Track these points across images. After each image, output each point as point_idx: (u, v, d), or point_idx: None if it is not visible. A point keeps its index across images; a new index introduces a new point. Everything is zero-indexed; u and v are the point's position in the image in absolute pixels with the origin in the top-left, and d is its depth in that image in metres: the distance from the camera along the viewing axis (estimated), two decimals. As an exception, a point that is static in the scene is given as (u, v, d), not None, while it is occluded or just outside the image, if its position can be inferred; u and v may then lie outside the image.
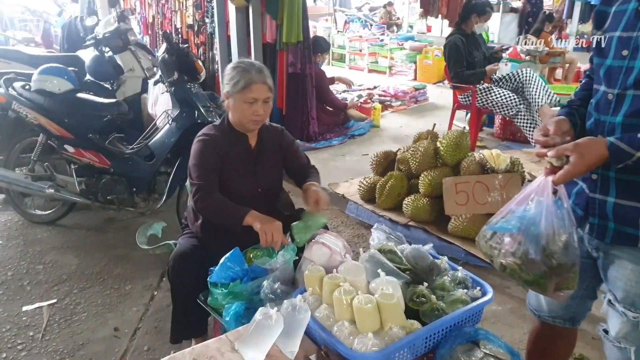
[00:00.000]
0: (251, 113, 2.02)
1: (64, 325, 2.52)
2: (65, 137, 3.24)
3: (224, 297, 1.90)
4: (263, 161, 2.19)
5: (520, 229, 1.33)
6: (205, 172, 2.03)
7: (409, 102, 6.64)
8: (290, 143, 2.30)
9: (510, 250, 1.35)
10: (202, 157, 2.05)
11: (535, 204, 1.34)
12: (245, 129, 2.11)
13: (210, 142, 2.08)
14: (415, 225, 3.30)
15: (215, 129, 2.15)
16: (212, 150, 2.06)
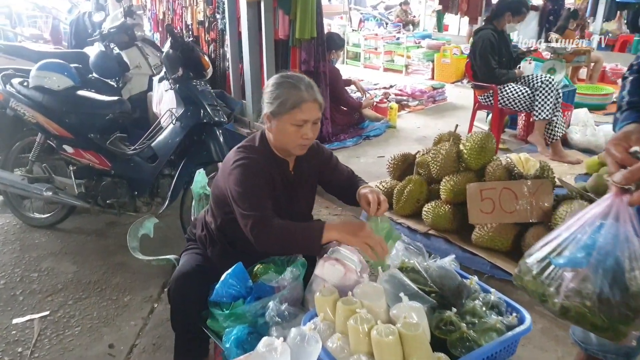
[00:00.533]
0: (299, 137, 1.71)
1: (55, 340, 2.33)
2: (64, 137, 3.07)
3: (225, 319, 1.69)
4: (300, 187, 1.92)
5: (590, 263, 1.08)
6: (257, 200, 1.68)
7: (426, 101, 6.37)
8: (328, 158, 2.00)
9: (576, 289, 1.09)
10: (251, 183, 1.70)
11: (607, 230, 1.08)
12: (289, 154, 1.82)
13: (256, 165, 1.74)
14: (436, 235, 3.06)
15: (255, 151, 1.79)
16: (261, 175, 1.74)
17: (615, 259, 1.05)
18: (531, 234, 2.73)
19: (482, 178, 3.04)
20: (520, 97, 4.33)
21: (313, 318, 1.52)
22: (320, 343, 1.34)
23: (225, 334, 1.62)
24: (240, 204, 1.68)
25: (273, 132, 1.77)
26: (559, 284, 1.12)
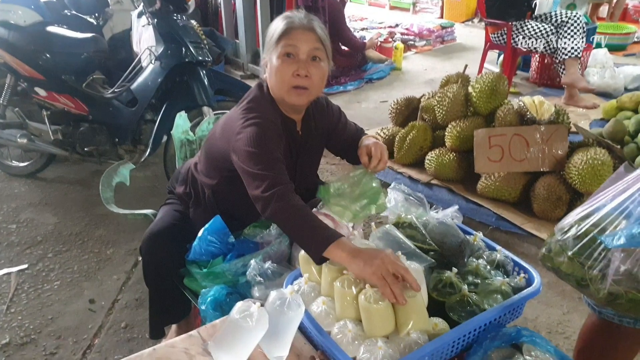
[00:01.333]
0: (290, 73, 1.42)
1: (33, 295, 2.20)
2: (35, 79, 2.82)
3: (203, 278, 1.54)
4: (307, 150, 1.66)
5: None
6: (274, 163, 1.40)
7: (434, 42, 5.98)
8: (338, 118, 1.72)
9: (630, 271, 0.89)
10: (267, 144, 1.42)
11: None
12: (290, 107, 1.53)
13: (273, 127, 1.47)
14: (439, 184, 2.87)
15: (265, 107, 1.52)
16: (275, 139, 1.46)
17: None
18: (541, 183, 2.53)
19: (491, 124, 2.81)
20: (541, 36, 3.98)
21: (297, 278, 1.36)
22: (302, 307, 1.18)
23: (201, 295, 1.46)
24: (253, 164, 1.39)
25: (268, 78, 1.50)
26: (605, 266, 0.92)
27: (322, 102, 1.69)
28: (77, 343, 1.94)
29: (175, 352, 1.24)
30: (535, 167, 2.59)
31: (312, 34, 1.46)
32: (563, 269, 0.99)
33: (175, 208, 1.75)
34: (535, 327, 2.06)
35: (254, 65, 4.86)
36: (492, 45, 4.31)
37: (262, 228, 1.65)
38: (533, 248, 2.46)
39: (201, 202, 1.70)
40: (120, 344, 1.93)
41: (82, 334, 1.99)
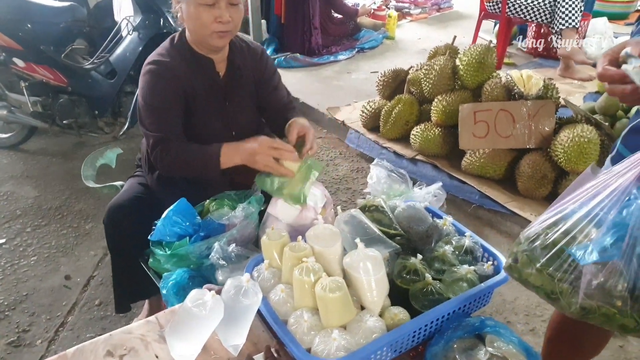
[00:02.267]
0: (212, 20, 1.43)
1: (10, 270, 2.20)
2: (12, 49, 2.74)
3: (167, 260, 1.51)
4: (236, 94, 1.63)
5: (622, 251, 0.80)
6: (163, 117, 1.49)
7: (430, 9, 5.80)
8: (272, 72, 1.71)
9: (603, 286, 0.82)
10: (156, 96, 1.48)
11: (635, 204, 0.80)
12: (208, 47, 1.53)
13: (167, 72, 1.49)
14: (424, 160, 2.82)
15: (171, 51, 1.54)
16: (170, 85, 1.49)
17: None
18: (527, 161, 2.48)
19: (478, 98, 2.74)
20: (539, 6, 3.84)
21: (259, 264, 1.34)
22: (259, 296, 1.16)
23: (163, 279, 1.45)
24: (144, 120, 1.52)
25: (185, 20, 1.49)
26: (576, 278, 0.85)
27: (258, 50, 1.69)
28: (51, 320, 1.95)
29: (131, 338, 1.23)
30: (521, 143, 2.53)
31: None
32: (531, 281, 0.93)
33: (140, 181, 1.74)
34: (514, 309, 2.06)
35: (243, 33, 4.73)
36: (486, 15, 4.17)
37: (230, 208, 1.62)
38: (516, 227, 2.44)
39: (153, 167, 1.67)
40: (93, 321, 1.94)
41: (56, 311, 2.00)
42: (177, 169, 1.53)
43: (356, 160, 3.14)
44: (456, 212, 2.60)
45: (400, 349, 1.16)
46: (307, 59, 4.30)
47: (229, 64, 1.61)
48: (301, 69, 4.24)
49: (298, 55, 4.29)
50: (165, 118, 1.50)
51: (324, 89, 3.83)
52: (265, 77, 1.68)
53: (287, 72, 4.19)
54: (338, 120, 3.30)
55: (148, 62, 1.53)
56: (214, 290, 1.17)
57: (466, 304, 1.23)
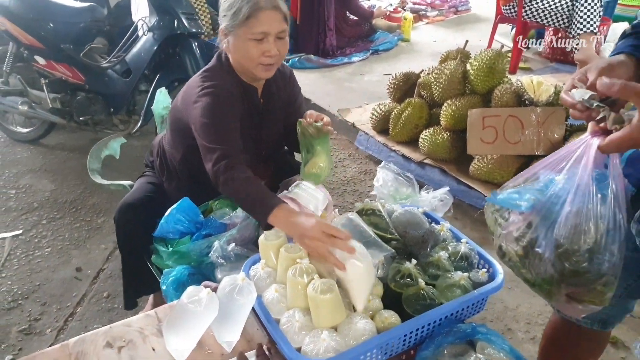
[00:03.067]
0: (260, 54, 1.46)
1: (24, 261, 2.29)
2: (35, 47, 2.84)
3: (168, 257, 1.57)
4: (270, 118, 1.68)
5: (534, 208, 0.90)
6: (226, 133, 1.46)
7: (447, 12, 5.77)
8: (298, 93, 1.76)
9: (515, 234, 0.92)
10: (220, 115, 1.46)
11: (567, 176, 0.89)
12: (253, 77, 1.57)
13: (229, 96, 1.51)
14: (432, 164, 2.83)
15: (223, 75, 1.56)
16: (231, 107, 1.51)
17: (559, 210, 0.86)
18: (535, 168, 2.46)
19: (488, 103, 2.73)
20: (557, 10, 3.80)
21: (256, 263, 1.37)
22: (254, 294, 1.20)
23: (163, 275, 1.50)
24: (206, 136, 1.45)
25: (232, 51, 1.52)
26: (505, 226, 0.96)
27: (286, 71, 1.71)
28: (61, 310, 2.02)
29: (130, 331, 1.28)
30: (529, 150, 2.52)
31: (278, 13, 1.47)
32: (489, 222, 1.04)
33: (150, 180, 1.79)
34: (515, 316, 2.05)
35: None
36: (502, 18, 4.14)
37: (231, 208, 1.67)
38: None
39: (174, 176, 1.74)
40: (100, 313, 2.01)
41: (66, 301, 2.07)
42: (234, 192, 1.43)
43: (365, 162, 3.16)
44: (462, 217, 2.61)
45: (390, 352, 1.18)
46: (321, 60, 4.33)
47: (265, 89, 1.64)
48: (315, 70, 4.27)
49: (312, 57, 4.32)
50: (229, 134, 1.47)
51: (336, 91, 3.85)
52: (292, 99, 1.72)
53: (301, 73, 4.22)
54: (348, 122, 3.33)
55: (206, 87, 1.50)
56: (210, 288, 1.22)
57: (459, 310, 1.24)
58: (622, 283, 1.18)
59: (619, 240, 0.85)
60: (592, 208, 0.84)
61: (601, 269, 0.86)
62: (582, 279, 0.88)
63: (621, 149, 0.79)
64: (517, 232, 0.92)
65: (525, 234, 0.91)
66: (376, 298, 1.25)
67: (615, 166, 0.85)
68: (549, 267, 0.88)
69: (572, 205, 0.85)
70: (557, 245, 0.86)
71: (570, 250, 0.85)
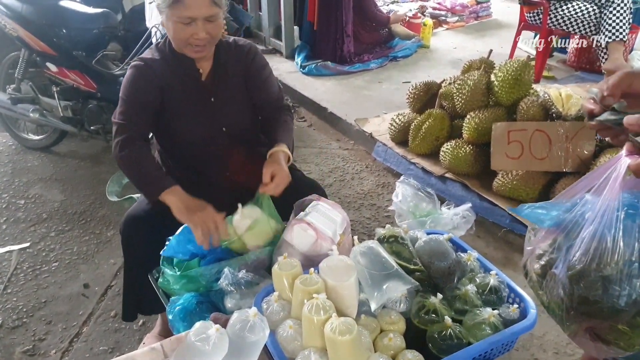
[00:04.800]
0: (188, 36, 1.48)
1: (31, 275, 2.22)
2: (47, 54, 2.79)
3: (176, 281, 1.47)
4: (222, 89, 1.65)
5: (559, 226, 0.85)
6: (131, 109, 1.53)
7: (468, 17, 5.62)
8: (260, 66, 1.70)
9: (537, 252, 0.88)
10: (131, 90, 1.53)
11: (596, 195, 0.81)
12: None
13: (146, 69, 1.55)
14: (453, 179, 2.71)
15: (154, 52, 1.61)
16: (146, 82, 1.55)
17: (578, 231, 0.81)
18: (562, 185, 2.34)
19: (513, 116, 2.61)
20: (584, 17, 3.65)
21: (270, 294, 1.28)
22: (266, 332, 1.10)
23: (170, 303, 1.41)
24: (116, 109, 1.55)
25: (168, 34, 1.55)
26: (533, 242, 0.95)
27: (245, 47, 1.68)
28: (66, 330, 1.95)
29: (134, 366, 1.20)
30: (556, 167, 2.40)
31: None
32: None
33: None
34: (542, 345, 1.93)
35: (276, 39, 4.71)
36: (526, 26, 4.00)
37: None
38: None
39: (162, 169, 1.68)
40: (107, 334, 1.93)
41: (72, 320, 2.00)
42: (127, 163, 1.52)
43: (382, 174, 3.05)
44: (485, 235, 2.49)
45: (412, 397, 1.08)
46: (338, 67, 4.23)
47: (214, 62, 1.63)
48: (331, 78, 4.18)
49: (329, 64, 4.23)
50: (134, 111, 1.53)
51: (353, 99, 3.75)
52: (252, 71, 1.67)
53: (317, 80, 4.13)
54: (366, 132, 3.22)
55: (133, 60, 1.59)
56: (219, 323, 1.13)
57: (487, 350, 1.14)
58: None
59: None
60: (614, 233, 0.76)
61: (618, 302, 0.78)
62: (594, 309, 0.80)
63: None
64: (539, 250, 0.88)
65: (546, 253, 0.87)
66: (398, 335, 1.16)
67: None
68: (559, 289, 0.83)
69: (593, 225, 0.78)
70: (570, 267, 0.80)
71: (582, 273, 0.79)
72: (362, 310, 1.22)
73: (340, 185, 2.93)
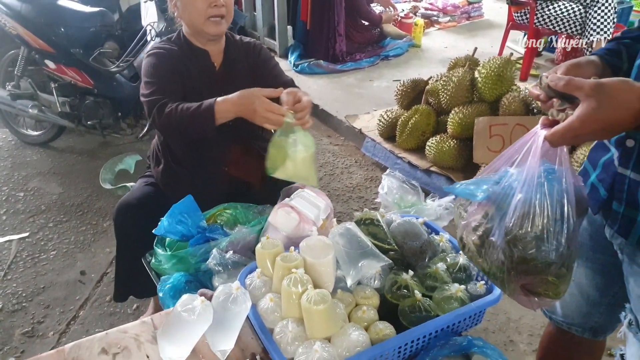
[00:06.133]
0: (207, 6, 1.55)
1: (30, 263, 2.31)
2: (45, 51, 2.88)
3: (167, 261, 1.56)
4: (232, 83, 1.69)
5: (490, 198, 0.92)
6: (162, 85, 1.57)
7: (459, 18, 5.72)
8: (267, 58, 1.80)
9: (473, 225, 0.95)
10: (157, 72, 1.59)
11: (520, 167, 0.90)
12: (205, 37, 1.64)
13: (167, 55, 1.62)
14: (438, 172, 2.80)
15: (170, 42, 1.69)
16: (169, 66, 1.61)
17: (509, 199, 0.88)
18: (542, 177, 2.44)
19: (496, 111, 2.70)
20: (570, 17, 3.75)
21: (253, 272, 1.37)
22: (249, 303, 1.19)
23: (160, 282, 1.50)
24: (144, 91, 1.58)
25: (181, 14, 1.62)
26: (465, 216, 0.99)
27: (251, 43, 1.78)
28: (64, 313, 2.04)
29: (126, 337, 1.28)
30: (537, 159, 2.49)
31: None
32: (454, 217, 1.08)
33: (150, 180, 1.81)
34: (518, 327, 2.02)
35: (270, 39, 4.80)
36: (514, 25, 4.10)
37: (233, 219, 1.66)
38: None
39: (160, 160, 1.76)
40: (102, 317, 2.02)
41: (69, 305, 2.09)
42: (173, 127, 1.53)
43: (371, 169, 3.15)
44: (468, 226, 2.57)
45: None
46: (330, 66, 4.33)
47: (225, 56, 1.71)
48: (324, 76, 4.27)
49: (321, 62, 4.32)
50: (164, 87, 1.57)
51: (344, 97, 3.85)
52: (260, 63, 1.76)
53: (310, 79, 4.23)
54: (355, 128, 3.32)
55: (150, 50, 1.65)
56: (204, 296, 1.21)
57: (455, 322, 1.23)
58: (608, 291, 1.20)
59: (566, 230, 0.86)
60: (539, 197, 0.86)
61: (549, 257, 0.87)
62: (531, 266, 0.89)
63: (565, 139, 0.81)
64: (474, 223, 0.95)
65: (481, 224, 0.94)
66: (372, 309, 1.25)
67: (564, 159, 0.87)
68: (499, 254, 0.90)
69: (521, 193, 0.87)
70: (507, 232, 0.88)
71: (518, 236, 0.87)
72: (339, 286, 1.30)
73: (330, 179, 3.03)
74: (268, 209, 1.70)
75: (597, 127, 0.76)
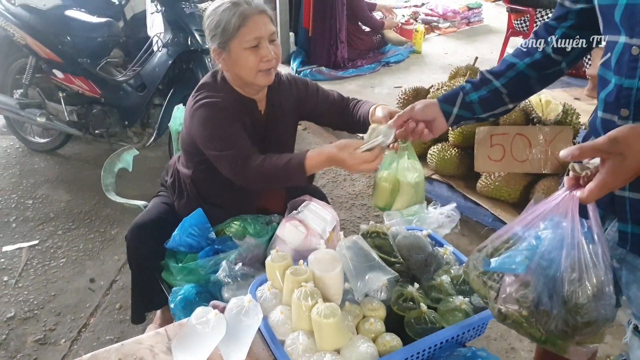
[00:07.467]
0: (258, 61, 1.48)
1: (41, 271, 2.36)
2: (53, 61, 2.93)
3: (178, 273, 1.61)
4: (274, 130, 1.70)
5: (529, 268, 0.91)
6: (231, 137, 1.49)
7: (459, 23, 5.78)
8: (305, 86, 1.75)
9: (514, 296, 0.93)
10: (220, 122, 1.50)
11: (553, 230, 0.91)
12: (255, 90, 1.60)
13: (223, 106, 1.53)
14: (439, 180, 2.85)
15: (218, 91, 1.57)
16: (229, 115, 1.53)
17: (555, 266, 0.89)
18: (542, 186, 2.49)
19: (497, 121, 2.75)
20: None
21: (263, 284, 1.41)
22: (260, 316, 1.24)
23: (172, 293, 1.54)
24: (212, 145, 1.50)
25: (229, 68, 1.54)
26: (499, 288, 0.97)
27: (287, 81, 1.73)
28: (75, 321, 2.08)
29: (141, 348, 1.33)
30: (536, 168, 2.54)
31: (266, 16, 1.51)
32: (473, 285, 1.06)
33: (164, 200, 1.82)
34: (518, 335, 2.05)
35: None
36: (514, 32, 4.15)
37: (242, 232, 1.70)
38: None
39: (184, 194, 1.76)
40: (112, 324, 2.07)
41: (80, 312, 2.13)
42: (261, 181, 1.49)
43: (373, 176, 3.19)
44: (469, 234, 2.63)
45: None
46: (332, 73, 4.38)
47: (268, 102, 1.68)
48: (325, 82, 4.32)
49: (323, 69, 4.37)
50: (235, 137, 1.50)
51: (346, 103, 3.89)
52: (302, 92, 1.72)
53: (312, 85, 4.27)
54: (358, 136, 3.35)
55: (199, 99, 1.54)
56: (217, 309, 1.26)
57: (459, 333, 1.27)
58: None
59: (613, 279, 0.89)
60: (586, 258, 0.87)
61: (607, 313, 0.89)
62: (594, 327, 0.91)
63: (600, 196, 0.84)
64: (516, 294, 0.93)
65: (526, 295, 0.92)
66: (379, 321, 1.29)
67: (594, 211, 0.89)
68: (560, 323, 0.90)
69: (570, 259, 0.88)
70: (565, 301, 0.88)
71: (579, 305, 0.88)
72: (346, 298, 1.34)
73: (333, 186, 3.08)
74: (275, 219, 1.74)
75: (627, 177, 0.81)
